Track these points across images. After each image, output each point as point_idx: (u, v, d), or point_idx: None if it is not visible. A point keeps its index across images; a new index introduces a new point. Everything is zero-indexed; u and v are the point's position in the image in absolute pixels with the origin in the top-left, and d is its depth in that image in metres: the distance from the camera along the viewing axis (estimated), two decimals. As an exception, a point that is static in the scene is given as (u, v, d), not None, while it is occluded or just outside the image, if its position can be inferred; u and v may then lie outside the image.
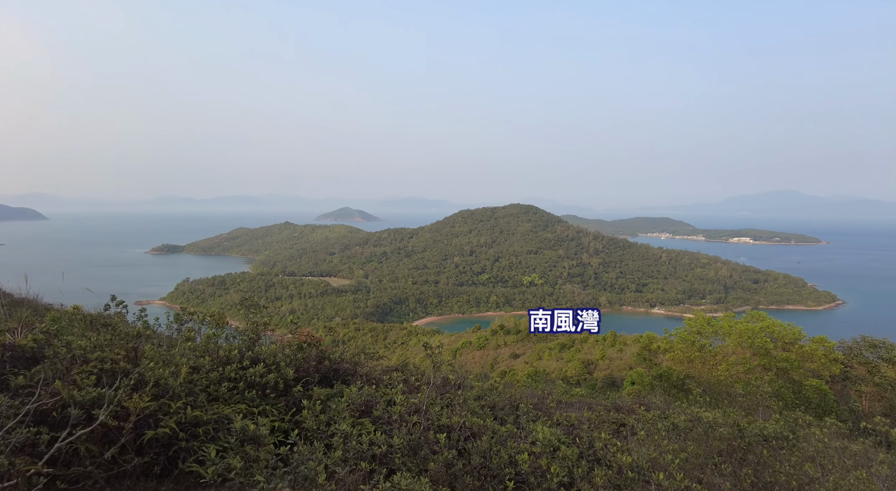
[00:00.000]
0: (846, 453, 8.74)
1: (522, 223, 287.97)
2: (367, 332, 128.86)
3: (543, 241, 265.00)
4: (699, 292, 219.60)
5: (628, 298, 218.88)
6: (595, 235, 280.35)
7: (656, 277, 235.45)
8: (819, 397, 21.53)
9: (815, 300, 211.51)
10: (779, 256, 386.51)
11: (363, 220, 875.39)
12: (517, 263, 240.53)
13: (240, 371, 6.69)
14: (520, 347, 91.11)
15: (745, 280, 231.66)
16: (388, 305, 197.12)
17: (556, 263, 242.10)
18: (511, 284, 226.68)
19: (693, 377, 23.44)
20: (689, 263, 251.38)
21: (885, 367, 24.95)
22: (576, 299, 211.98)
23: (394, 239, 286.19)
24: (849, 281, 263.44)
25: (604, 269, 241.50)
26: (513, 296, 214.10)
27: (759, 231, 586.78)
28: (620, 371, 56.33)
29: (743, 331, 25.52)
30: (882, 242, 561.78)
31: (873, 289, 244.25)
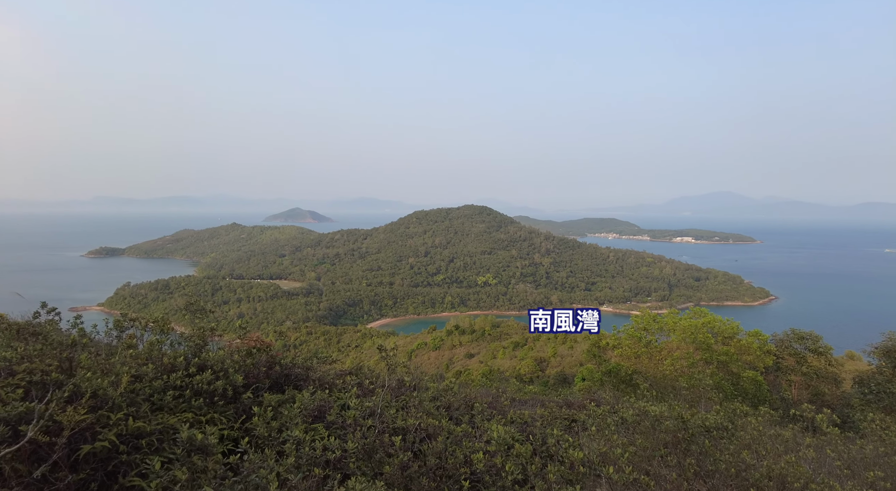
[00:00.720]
0: (778, 440, 9.35)
1: (476, 224, 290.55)
2: (320, 335, 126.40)
3: (497, 242, 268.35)
4: (645, 290, 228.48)
5: (578, 296, 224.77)
6: (546, 236, 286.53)
7: (604, 276, 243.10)
8: (755, 388, 22.89)
9: (751, 296, 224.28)
10: (718, 255, 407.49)
11: (314, 221, 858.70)
12: (472, 264, 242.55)
13: (186, 379, 6.39)
14: (475, 347, 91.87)
15: (688, 278, 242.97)
16: (341, 308, 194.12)
17: (510, 263, 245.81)
18: (466, 284, 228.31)
19: (640, 372, 24.37)
20: (635, 262, 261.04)
21: (811, 357, 26.86)
22: (528, 299, 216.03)
23: (347, 240, 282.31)
24: (780, 278, 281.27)
25: (555, 268, 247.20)
26: (468, 296, 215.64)
27: (701, 231, 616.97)
28: (572, 368, 57.83)
29: (686, 327, 26.77)
30: (807, 241, 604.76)
31: (801, 284, 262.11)
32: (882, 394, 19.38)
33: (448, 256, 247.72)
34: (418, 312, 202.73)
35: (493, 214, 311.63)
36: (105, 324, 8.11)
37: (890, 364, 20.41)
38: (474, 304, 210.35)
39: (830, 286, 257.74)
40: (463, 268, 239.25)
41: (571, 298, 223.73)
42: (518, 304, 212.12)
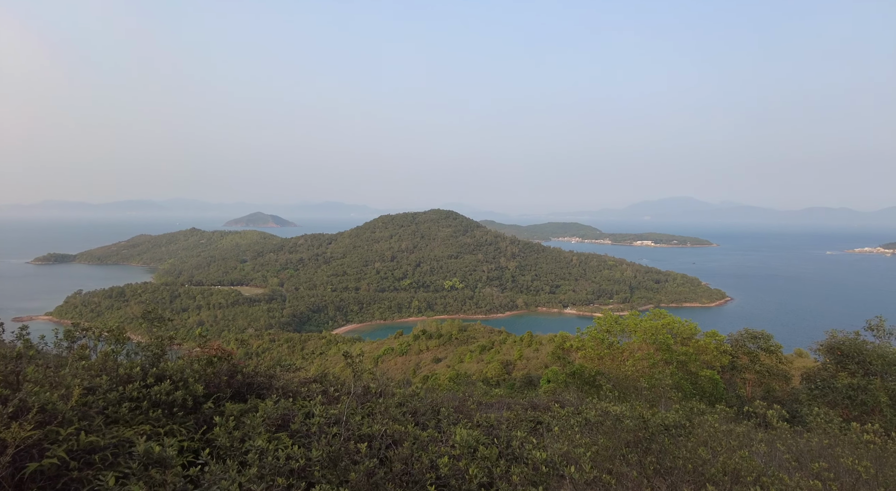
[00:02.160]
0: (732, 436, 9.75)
1: (443, 228, 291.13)
2: (284, 342, 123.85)
3: (463, 246, 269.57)
4: (607, 292, 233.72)
5: (543, 299, 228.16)
6: (512, 240, 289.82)
7: (568, 279, 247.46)
8: (712, 386, 23.75)
9: (708, 297, 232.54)
10: (677, 258, 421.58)
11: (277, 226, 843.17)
12: (438, 268, 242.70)
13: (143, 389, 6.18)
14: (442, 351, 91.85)
15: (648, 280, 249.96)
16: (305, 314, 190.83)
17: (476, 266, 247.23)
18: (433, 288, 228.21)
19: (603, 373, 24.91)
20: (597, 265, 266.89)
21: (763, 355, 28.09)
22: (495, 302, 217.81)
23: (311, 245, 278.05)
24: (735, 279, 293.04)
25: (520, 272, 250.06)
26: (434, 300, 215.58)
27: (660, 234, 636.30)
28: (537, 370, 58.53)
29: (647, 328, 27.56)
30: (759, 244, 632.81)
31: (754, 285, 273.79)
32: (827, 389, 20.43)
33: (415, 261, 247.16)
34: (385, 317, 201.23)
35: (459, 219, 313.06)
36: (54, 334, 7.75)
37: (833, 360, 21.53)
38: (441, 308, 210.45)
39: (780, 287, 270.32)
40: (430, 272, 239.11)
41: (537, 300, 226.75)
42: (485, 307, 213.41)
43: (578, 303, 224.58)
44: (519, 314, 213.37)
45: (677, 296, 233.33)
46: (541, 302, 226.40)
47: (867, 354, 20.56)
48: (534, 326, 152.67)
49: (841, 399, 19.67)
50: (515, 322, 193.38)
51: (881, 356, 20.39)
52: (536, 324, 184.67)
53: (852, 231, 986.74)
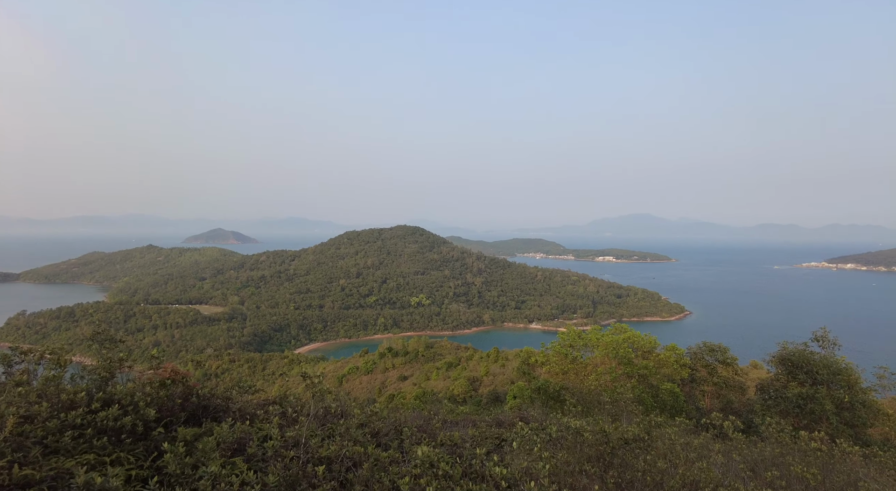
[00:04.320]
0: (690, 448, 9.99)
1: (409, 244, 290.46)
2: (244, 363, 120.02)
3: (430, 262, 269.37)
4: (571, 307, 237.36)
5: (509, 314, 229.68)
6: (478, 256, 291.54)
7: (533, 295, 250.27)
8: (672, 399, 24.28)
9: (668, 312, 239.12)
10: (637, 273, 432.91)
11: (238, 242, 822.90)
12: (405, 284, 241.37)
13: (87, 416, 5.84)
14: (408, 369, 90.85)
15: (610, 295, 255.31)
16: (267, 333, 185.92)
17: (443, 283, 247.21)
18: (399, 305, 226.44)
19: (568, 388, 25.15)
20: (561, 280, 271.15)
21: (720, 368, 28.98)
22: (462, 318, 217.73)
23: (273, 262, 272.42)
24: (694, 293, 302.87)
25: (486, 287, 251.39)
26: (401, 317, 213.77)
27: (621, 250, 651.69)
28: (503, 385, 58.59)
29: (609, 342, 28.06)
30: (716, 259, 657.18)
31: (712, 300, 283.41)
32: (779, 399, 21.22)
33: (381, 277, 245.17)
34: (350, 335, 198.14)
35: (425, 235, 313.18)
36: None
37: (785, 371, 22.42)
38: (408, 325, 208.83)
39: (736, 301, 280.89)
40: (396, 289, 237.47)
41: (503, 316, 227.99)
42: (451, 323, 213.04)
43: (543, 318, 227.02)
44: (486, 330, 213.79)
45: (638, 310, 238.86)
46: (507, 317, 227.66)
47: (814, 365, 21.52)
48: (500, 342, 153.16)
49: (792, 408, 20.46)
50: (482, 338, 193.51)
51: (826, 366, 21.37)
52: (503, 339, 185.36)
53: (799, 246, 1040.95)
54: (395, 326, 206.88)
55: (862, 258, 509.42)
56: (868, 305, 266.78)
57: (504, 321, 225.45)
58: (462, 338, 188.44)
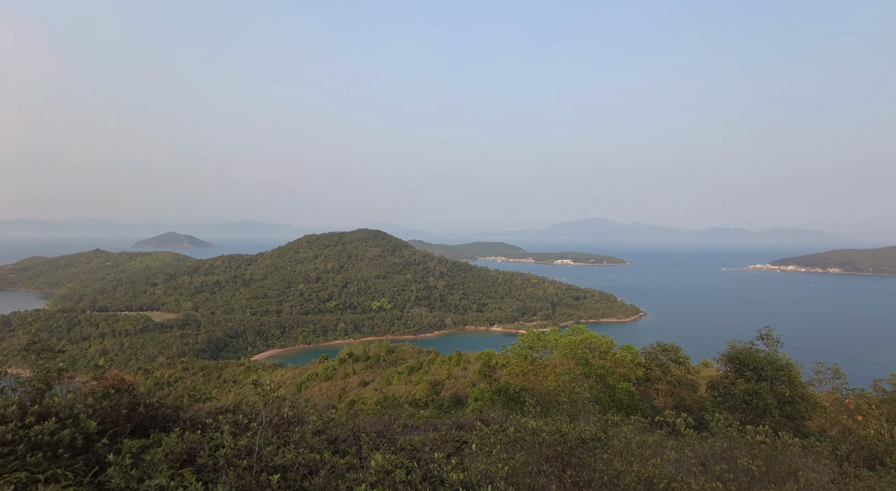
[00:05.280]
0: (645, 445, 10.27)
1: (371, 248, 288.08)
2: (198, 371, 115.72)
3: (392, 266, 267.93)
4: (531, 309, 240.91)
5: (471, 317, 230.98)
6: (440, 260, 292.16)
7: (494, 297, 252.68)
8: (628, 398, 24.93)
9: (623, 313, 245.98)
10: (594, 276, 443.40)
11: (192, 247, 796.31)
12: (366, 289, 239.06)
13: (20, 431, 5.45)
14: (369, 374, 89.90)
15: (569, 297, 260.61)
16: (222, 340, 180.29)
17: (405, 286, 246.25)
18: (360, 309, 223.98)
19: (528, 389, 25.44)
20: (521, 283, 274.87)
21: (673, 367, 29.97)
22: (424, 322, 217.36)
23: (229, 266, 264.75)
24: (648, 295, 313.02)
25: (449, 291, 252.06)
26: (362, 322, 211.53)
27: (579, 253, 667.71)
28: (465, 388, 58.81)
29: (567, 344, 28.58)
30: (669, 262, 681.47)
31: (665, 301, 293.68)
32: (728, 395, 22.14)
33: (341, 282, 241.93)
34: (309, 340, 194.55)
35: (387, 238, 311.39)
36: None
37: (733, 369, 23.41)
38: (369, 329, 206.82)
39: (687, 302, 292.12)
40: (357, 293, 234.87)
41: (465, 319, 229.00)
42: (413, 327, 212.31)
43: (504, 320, 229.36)
44: (448, 333, 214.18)
45: (595, 312, 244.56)
46: (469, 320, 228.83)
47: (759, 362, 22.57)
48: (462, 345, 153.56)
49: (739, 404, 21.39)
50: (444, 341, 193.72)
51: (770, 363, 22.46)
52: (465, 342, 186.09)
53: (745, 249, 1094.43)
54: (356, 331, 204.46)
55: (802, 260, 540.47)
56: (807, 304, 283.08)
57: (466, 324, 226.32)
58: (424, 341, 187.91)
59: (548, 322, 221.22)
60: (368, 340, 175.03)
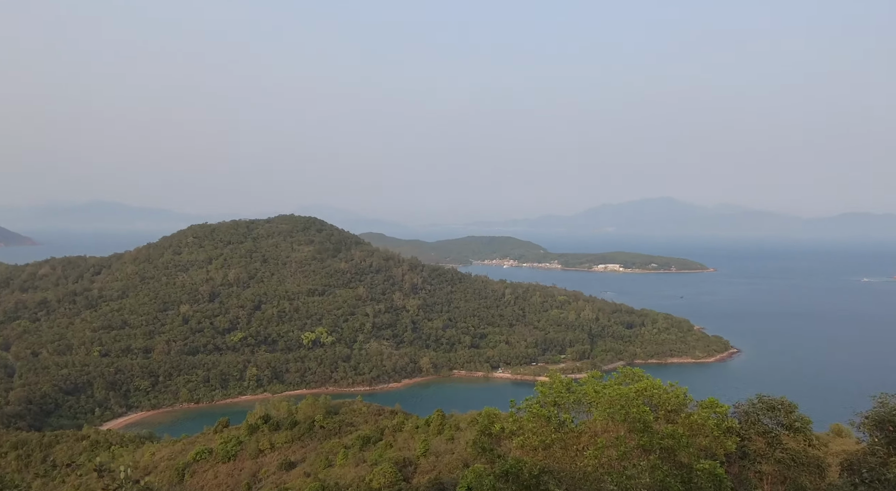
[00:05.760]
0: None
1: (300, 246, 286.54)
2: (8, 450, 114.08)
3: (334, 275, 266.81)
4: (556, 344, 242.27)
5: (461, 356, 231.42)
6: (412, 264, 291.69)
7: (499, 325, 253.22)
8: (714, 486, 24.71)
9: (704, 349, 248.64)
10: (657, 288, 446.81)
11: (2, 244, 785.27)
12: (292, 311, 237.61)
13: None
14: (298, 450, 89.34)
15: (616, 324, 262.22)
16: (52, 398, 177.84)
17: (355, 307, 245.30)
18: (283, 345, 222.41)
19: (552, 470, 25.11)
20: (542, 302, 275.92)
21: (785, 436, 29.69)
22: (386, 364, 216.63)
23: (64, 276, 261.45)
24: (741, 320, 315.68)
25: (425, 314, 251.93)
26: (285, 365, 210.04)
27: (631, 255, 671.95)
28: (452, 471, 58.53)
29: (614, 398, 28.28)
30: (774, 267, 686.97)
31: (767, 329, 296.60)
32: (876, 483, 21.65)
33: (252, 300, 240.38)
34: (199, 397, 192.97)
35: (326, 230, 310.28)
36: None
37: (883, 439, 22.92)
38: (297, 378, 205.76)
39: (803, 331, 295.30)
40: (278, 318, 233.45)
41: (451, 359, 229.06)
42: (369, 373, 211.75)
43: (514, 361, 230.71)
44: (424, 382, 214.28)
45: (659, 347, 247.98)
46: (457, 362, 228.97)
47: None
48: (447, 401, 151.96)
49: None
50: (419, 396, 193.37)
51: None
52: (452, 396, 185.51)
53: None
54: (275, 381, 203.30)
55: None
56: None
57: (453, 368, 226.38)
58: (387, 396, 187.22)
59: (584, 364, 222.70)
60: (296, 394, 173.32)
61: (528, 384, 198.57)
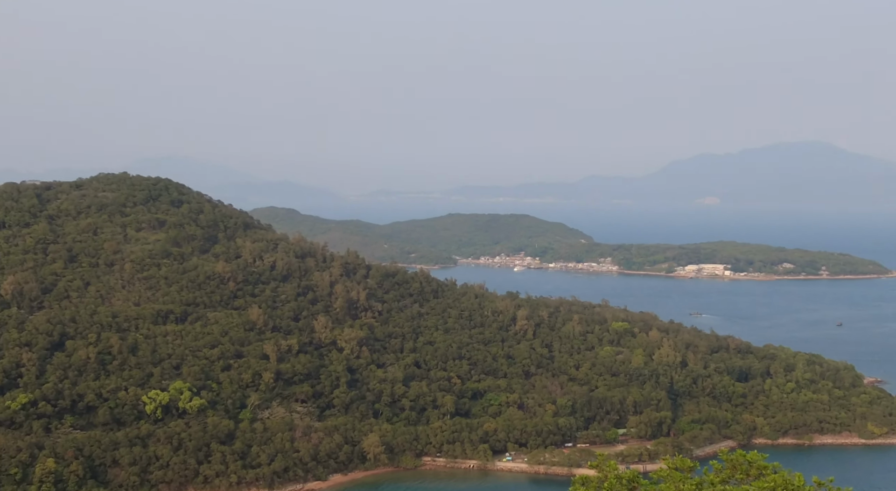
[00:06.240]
0: None
1: (142, 231, 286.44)
2: None
3: (205, 284, 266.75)
4: (610, 408, 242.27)
5: (438, 432, 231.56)
6: (348, 264, 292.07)
7: (506, 374, 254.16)
8: None
9: (882, 421, 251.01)
10: (794, 308, 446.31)
11: None
12: (125, 353, 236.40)
13: None
14: None
15: (719, 373, 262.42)
16: None
17: (244, 344, 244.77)
18: (107, 415, 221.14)
19: None
20: (583, 332, 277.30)
21: None
22: (300, 448, 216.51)
23: None
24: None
25: (372, 355, 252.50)
26: (111, 453, 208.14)
27: (748, 247, 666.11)
28: None
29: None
30: None
31: None
32: None
33: (47, 332, 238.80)
34: None
35: (192, 203, 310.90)
36: None
37: None
38: (133, 476, 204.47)
39: None
40: (97, 367, 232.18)
41: (419, 438, 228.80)
42: (269, 465, 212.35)
43: (533, 441, 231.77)
44: (371, 479, 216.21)
45: (798, 416, 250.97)
46: (431, 442, 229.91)
47: None
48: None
49: None
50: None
51: None
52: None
53: None
54: (92, 482, 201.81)
55: None
56: None
57: (424, 453, 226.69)
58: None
59: (660, 444, 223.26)
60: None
61: (559, 483, 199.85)
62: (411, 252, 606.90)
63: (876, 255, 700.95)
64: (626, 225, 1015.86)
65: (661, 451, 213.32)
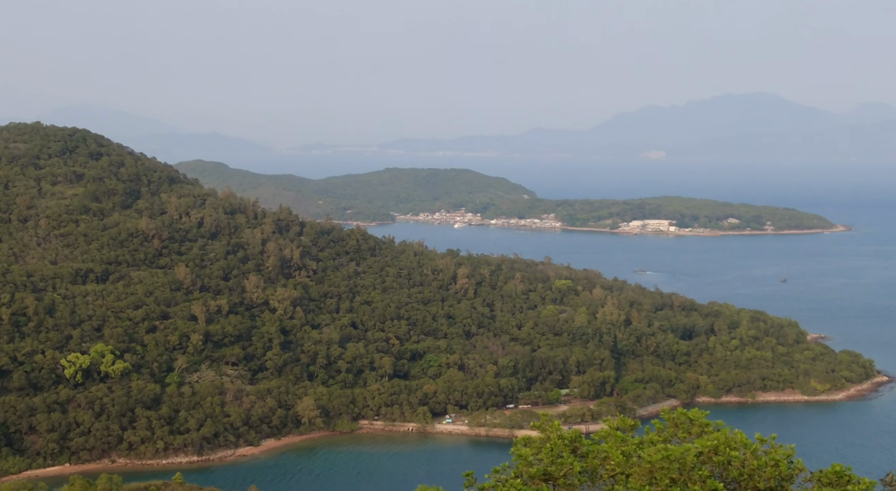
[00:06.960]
0: None
1: (58, 184, 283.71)
2: None
3: (128, 241, 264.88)
4: (553, 368, 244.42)
5: (376, 395, 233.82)
6: (281, 221, 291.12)
7: (447, 334, 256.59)
8: None
9: (825, 377, 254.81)
10: (739, 264, 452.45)
11: None
12: (41, 314, 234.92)
13: None
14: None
15: (663, 331, 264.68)
16: None
17: (170, 305, 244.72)
18: (21, 380, 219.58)
19: None
20: (526, 290, 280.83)
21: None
22: (230, 412, 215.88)
23: None
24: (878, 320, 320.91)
25: (307, 316, 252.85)
26: (27, 419, 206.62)
27: (693, 202, 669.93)
28: None
29: (659, 466, 28.34)
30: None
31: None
32: None
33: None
34: None
35: (112, 155, 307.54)
36: None
37: None
38: (52, 443, 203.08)
39: None
40: (11, 328, 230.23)
41: (356, 401, 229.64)
42: (198, 430, 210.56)
43: (474, 402, 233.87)
44: (306, 443, 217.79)
45: (742, 373, 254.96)
46: (369, 405, 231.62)
47: None
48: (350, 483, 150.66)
49: None
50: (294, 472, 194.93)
51: None
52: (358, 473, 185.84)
53: None
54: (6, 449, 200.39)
55: None
56: None
57: (361, 416, 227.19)
58: (232, 473, 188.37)
59: (603, 404, 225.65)
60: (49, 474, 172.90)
61: (501, 444, 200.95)
62: (347, 208, 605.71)
63: (820, 208, 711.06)
64: (570, 180, 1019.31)
65: (605, 411, 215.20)
